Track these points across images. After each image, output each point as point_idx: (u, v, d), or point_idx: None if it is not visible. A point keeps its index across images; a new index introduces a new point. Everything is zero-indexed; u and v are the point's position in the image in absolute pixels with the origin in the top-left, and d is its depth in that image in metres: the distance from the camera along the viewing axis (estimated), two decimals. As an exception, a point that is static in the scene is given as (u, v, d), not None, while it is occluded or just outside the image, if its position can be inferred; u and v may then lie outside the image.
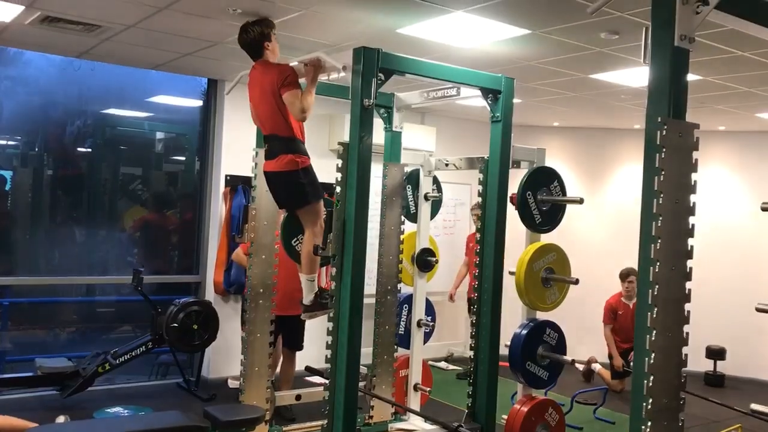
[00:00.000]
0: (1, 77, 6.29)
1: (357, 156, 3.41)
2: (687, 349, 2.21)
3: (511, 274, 3.90)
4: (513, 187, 3.93)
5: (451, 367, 7.66)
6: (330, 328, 3.56)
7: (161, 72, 6.23)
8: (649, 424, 2.11)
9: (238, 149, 6.39)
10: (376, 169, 3.83)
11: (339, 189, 3.50)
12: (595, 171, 8.49)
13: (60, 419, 4.51)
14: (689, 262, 2.21)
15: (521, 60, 5.10)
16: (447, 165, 4.59)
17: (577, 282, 3.88)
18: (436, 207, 4.87)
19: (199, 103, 6.95)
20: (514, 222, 3.97)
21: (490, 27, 4.29)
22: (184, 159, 7.72)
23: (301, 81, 3.69)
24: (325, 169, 4.37)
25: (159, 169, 7.65)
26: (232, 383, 6.23)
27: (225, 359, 6.50)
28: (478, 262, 4.08)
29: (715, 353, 7.57)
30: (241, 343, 4.25)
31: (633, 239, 2.27)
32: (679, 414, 2.19)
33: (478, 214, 6.79)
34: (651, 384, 2.11)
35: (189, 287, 6.80)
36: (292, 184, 3.71)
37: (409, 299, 4.80)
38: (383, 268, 4.56)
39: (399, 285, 4.64)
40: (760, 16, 2.49)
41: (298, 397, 4.71)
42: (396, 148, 4.61)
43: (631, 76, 5.47)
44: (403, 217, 4.65)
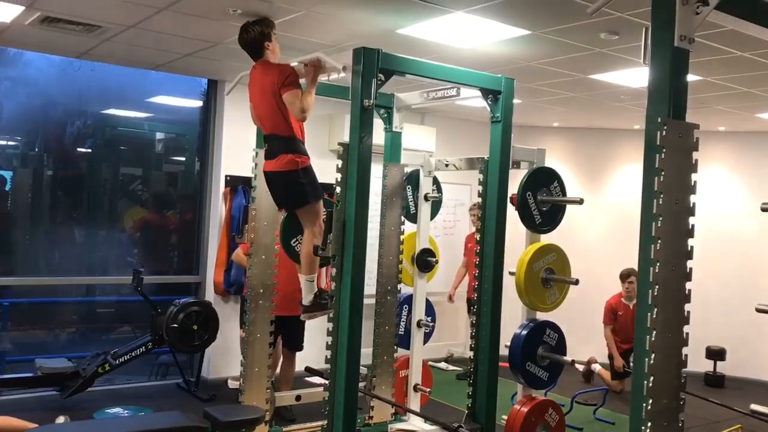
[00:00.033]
0: (1, 78, 6.29)
1: (357, 156, 3.41)
2: (687, 350, 2.21)
3: (511, 274, 3.90)
4: (513, 188, 3.93)
5: (451, 367, 7.66)
6: (330, 328, 3.56)
7: (161, 72, 6.23)
8: (649, 424, 2.11)
9: (238, 150, 6.40)
10: (376, 170, 3.83)
11: (339, 189, 3.50)
12: (595, 171, 8.48)
13: (60, 420, 4.52)
14: (689, 263, 2.21)
15: (521, 60, 5.10)
16: (447, 165, 4.59)
17: (577, 282, 3.88)
18: (436, 207, 4.87)
19: (199, 103, 6.95)
20: (514, 222, 3.97)
21: (490, 27, 4.29)
22: (184, 159, 7.72)
23: (301, 81, 3.70)
24: (325, 169, 4.37)
25: (159, 169, 7.65)
26: (231, 384, 6.23)
27: (225, 360, 6.50)
28: (478, 262, 4.08)
29: (715, 354, 7.57)
30: (240, 344, 4.27)
31: (633, 240, 2.27)
32: (679, 414, 2.19)
33: (477, 215, 6.86)
34: (651, 384, 2.11)
35: (189, 287, 6.80)
36: (291, 184, 3.70)
37: (409, 300, 4.80)
38: (383, 269, 4.56)
39: (399, 285, 4.64)
40: (760, 16, 2.49)
41: (298, 397, 4.70)
42: (396, 148, 4.62)
43: (631, 76, 5.47)
44: (403, 218, 4.65)
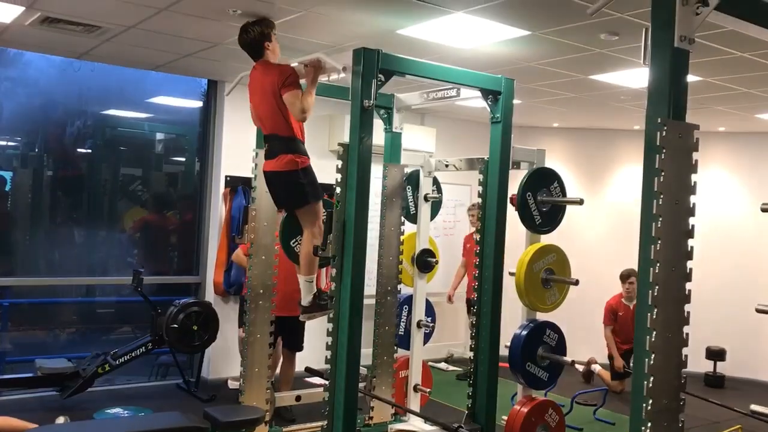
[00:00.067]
0: (2, 78, 6.29)
1: (357, 157, 3.41)
2: (687, 350, 2.21)
3: (511, 275, 3.90)
4: (513, 188, 3.93)
5: (451, 368, 7.66)
6: (330, 328, 3.56)
7: (161, 73, 6.23)
8: (649, 425, 2.11)
9: (238, 150, 6.39)
10: (376, 170, 3.83)
11: (339, 190, 3.50)
12: (595, 172, 8.48)
13: (60, 420, 4.52)
14: (689, 263, 2.21)
15: (521, 61, 5.10)
16: (447, 166, 4.59)
17: (577, 283, 3.88)
18: (436, 208, 4.87)
19: (199, 104, 6.95)
20: (514, 223, 3.97)
21: (490, 28, 4.29)
22: (184, 160, 7.72)
23: (301, 82, 3.70)
24: (325, 169, 4.37)
25: (159, 170, 7.65)
26: (232, 384, 6.23)
27: (225, 360, 6.50)
28: (478, 262, 4.08)
29: (715, 354, 7.57)
30: (238, 343, 4.26)
31: (633, 240, 2.27)
32: (679, 415, 2.19)
33: (475, 215, 6.88)
34: (651, 385, 2.11)
35: (189, 288, 6.80)
36: (291, 184, 3.70)
37: (409, 300, 4.80)
38: (383, 269, 4.56)
39: (399, 286, 4.65)
40: (760, 17, 2.50)
41: (298, 398, 4.71)
42: (396, 149, 4.62)
43: (631, 77, 5.47)
44: (403, 218, 4.66)
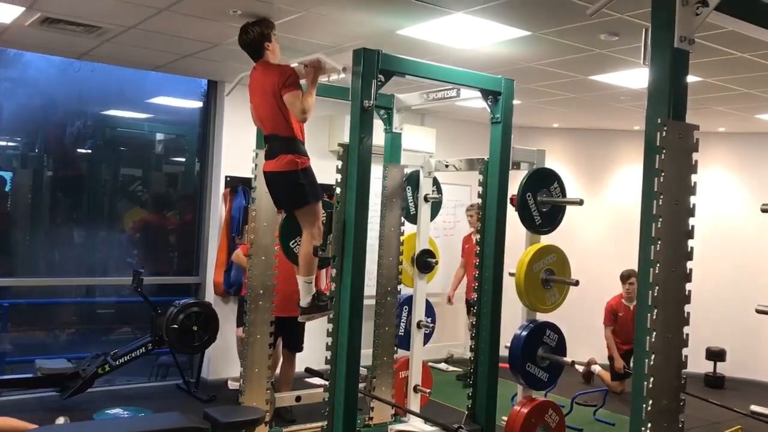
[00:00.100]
0: (2, 78, 6.29)
1: (357, 157, 3.41)
2: (687, 351, 2.21)
3: (511, 275, 3.90)
4: (513, 189, 3.93)
5: (451, 368, 7.66)
6: (330, 329, 3.56)
7: (161, 73, 6.23)
8: (649, 425, 2.11)
9: (238, 150, 6.39)
10: (376, 171, 3.83)
11: (339, 190, 3.50)
12: (595, 172, 8.48)
13: (60, 420, 4.51)
14: (689, 264, 2.21)
15: (521, 61, 5.10)
16: (447, 166, 4.59)
17: (577, 283, 3.88)
18: (435, 208, 4.87)
19: (199, 104, 6.95)
20: (514, 223, 3.97)
21: (490, 28, 4.29)
22: (184, 160, 7.72)
23: (301, 82, 3.70)
24: (325, 170, 4.37)
25: (159, 170, 7.65)
26: (231, 384, 6.23)
27: (225, 360, 6.49)
28: (477, 263, 4.07)
29: (715, 355, 7.57)
30: (236, 343, 4.24)
31: (633, 240, 2.27)
32: (679, 415, 2.19)
33: (473, 215, 6.88)
34: (651, 385, 2.11)
35: (189, 288, 6.80)
36: (291, 185, 3.70)
37: (409, 300, 4.79)
38: (383, 270, 4.56)
39: (399, 286, 4.64)
40: (759, 17, 2.50)
41: (298, 398, 4.70)
42: (396, 149, 4.62)
43: (631, 77, 5.47)
44: (402, 219, 4.65)
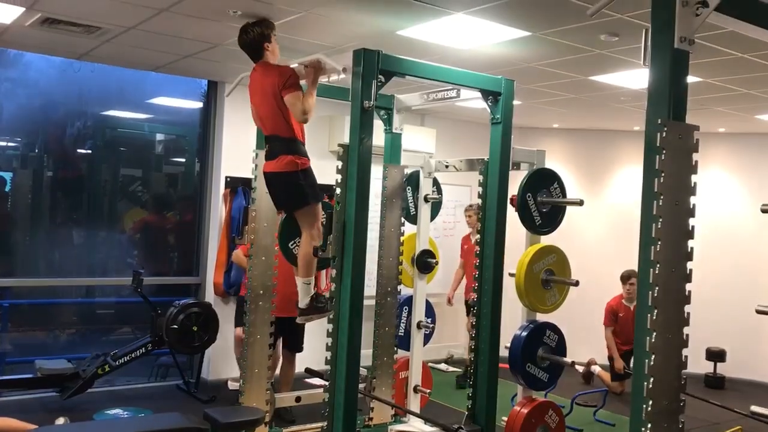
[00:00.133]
0: (2, 79, 6.29)
1: (357, 158, 3.41)
2: (687, 351, 2.21)
3: (511, 275, 3.90)
4: (513, 189, 3.93)
5: (451, 369, 7.66)
6: (330, 329, 3.56)
7: (161, 74, 6.23)
8: (649, 426, 2.11)
9: (238, 151, 6.39)
10: (376, 171, 3.83)
11: (339, 191, 3.50)
12: (595, 173, 8.48)
13: (60, 421, 4.50)
14: (689, 264, 2.21)
15: (521, 62, 5.10)
16: (447, 167, 4.59)
17: (577, 284, 3.87)
18: (436, 209, 4.87)
19: (199, 104, 6.95)
20: (514, 223, 3.97)
21: (491, 29, 4.29)
22: (184, 161, 7.72)
23: (301, 83, 3.70)
24: (325, 170, 4.37)
25: (159, 170, 7.65)
26: (231, 385, 6.22)
27: (225, 361, 6.49)
28: (477, 263, 4.07)
29: (715, 355, 7.57)
30: (234, 342, 4.23)
31: (633, 241, 2.27)
32: (679, 416, 2.19)
33: (471, 215, 6.87)
34: (651, 386, 2.11)
35: (189, 289, 6.80)
36: (291, 185, 3.70)
37: (409, 301, 4.79)
38: (383, 270, 4.56)
39: (399, 287, 4.64)
40: (759, 17, 2.50)
41: (298, 398, 4.70)
42: (396, 149, 4.62)
43: (631, 78, 5.47)
44: (403, 219, 4.65)
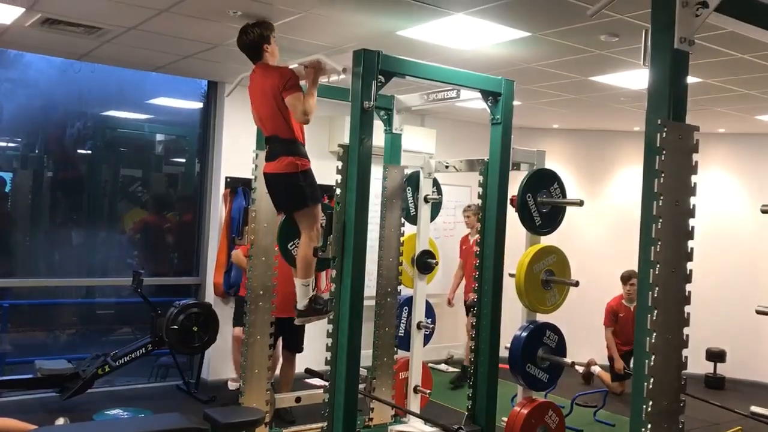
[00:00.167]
0: (2, 79, 6.29)
1: (357, 158, 3.41)
2: (687, 352, 2.21)
3: (511, 276, 3.90)
4: (513, 189, 3.93)
5: (451, 369, 7.66)
6: (330, 330, 3.56)
7: (161, 74, 6.23)
8: (649, 426, 2.11)
9: (238, 151, 6.39)
10: (376, 171, 3.83)
11: (339, 191, 3.50)
12: (595, 173, 8.49)
13: (59, 421, 4.50)
14: (689, 264, 2.21)
15: (521, 62, 5.10)
16: (447, 167, 4.59)
17: (577, 284, 3.87)
18: (436, 209, 4.87)
19: (199, 105, 6.95)
20: (514, 224, 3.97)
21: (491, 29, 4.29)
22: (184, 161, 7.72)
23: (301, 83, 3.70)
24: (325, 171, 4.37)
25: (159, 171, 7.65)
26: (231, 385, 6.23)
27: (225, 361, 6.48)
28: (477, 264, 4.07)
29: (715, 355, 7.57)
30: (232, 342, 4.23)
31: (633, 241, 2.27)
32: (679, 416, 2.19)
33: (470, 216, 6.87)
34: (651, 386, 2.11)
35: (189, 289, 6.80)
36: (291, 186, 3.71)
37: (408, 301, 4.80)
38: (383, 270, 4.56)
39: (399, 287, 4.65)
40: (759, 18, 2.50)
41: (298, 399, 4.70)
42: (396, 150, 4.62)
43: (631, 78, 5.47)
44: (403, 219, 4.66)
